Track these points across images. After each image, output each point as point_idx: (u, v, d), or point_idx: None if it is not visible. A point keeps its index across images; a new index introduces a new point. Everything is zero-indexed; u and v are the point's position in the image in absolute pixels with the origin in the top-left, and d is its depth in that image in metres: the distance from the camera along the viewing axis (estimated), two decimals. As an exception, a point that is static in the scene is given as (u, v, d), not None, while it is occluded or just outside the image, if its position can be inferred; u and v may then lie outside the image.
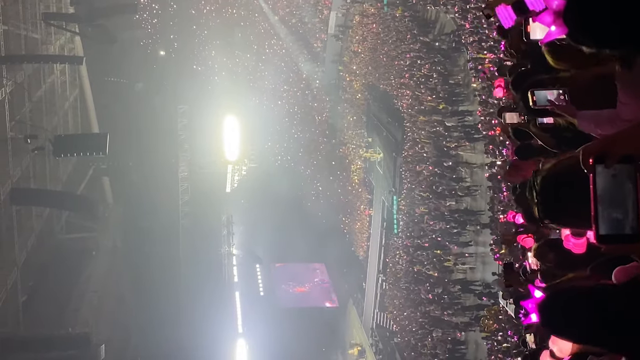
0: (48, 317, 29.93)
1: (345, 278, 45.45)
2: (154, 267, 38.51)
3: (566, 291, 2.51)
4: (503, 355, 22.02)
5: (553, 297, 2.55)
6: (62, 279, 31.61)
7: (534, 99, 3.95)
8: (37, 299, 29.71)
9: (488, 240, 24.63)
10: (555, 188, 2.42)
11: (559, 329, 2.62)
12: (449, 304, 28.88)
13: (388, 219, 37.48)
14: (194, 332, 39.17)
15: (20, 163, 28.43)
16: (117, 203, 38.38)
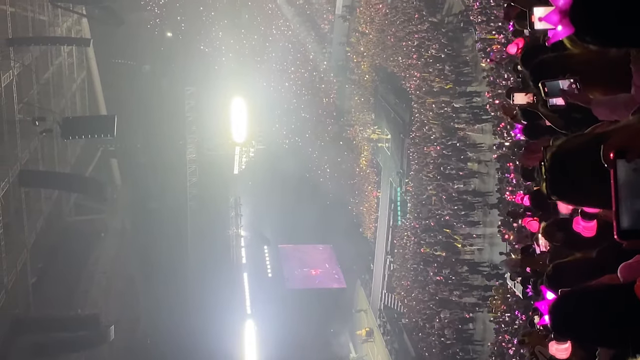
0: (58, 299, 30.14)
1: (353, 259, 45.53)
2: (162, 248, 38.68)
3: (575, 294, 2.51)
4: (511, 336, 22.07)
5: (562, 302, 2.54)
6: (71, 260, 31.80)
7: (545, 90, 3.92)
8: (46, 281, 29.90)
9: (496, 221, 24.59)
10: (565, 164, 2.40)
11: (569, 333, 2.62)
12: (457, 285, 28.91)
13: (394, 203, 37.47)
14: (203, 313, 39.40)
15: (29, 145, 28.51)
16: (125, 185, 38.49)
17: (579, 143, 2.40)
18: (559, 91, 3.80)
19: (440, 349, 30.01)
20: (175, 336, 37.22)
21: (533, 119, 7.61)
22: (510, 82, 19.65)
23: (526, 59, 5.56)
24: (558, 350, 5.51)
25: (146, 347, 37.56)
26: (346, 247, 45.97)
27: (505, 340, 22.67)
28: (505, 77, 21.33)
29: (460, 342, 28.89)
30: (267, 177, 46.60)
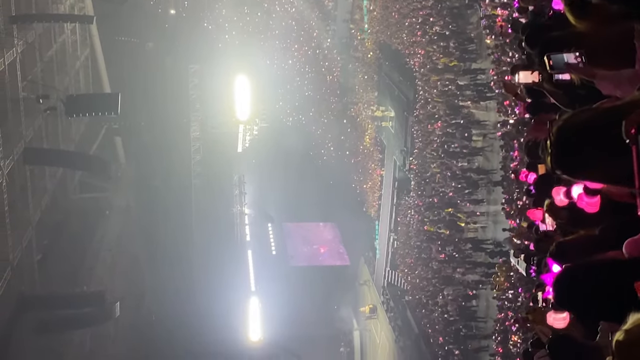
0: (63, 276, 30.31)
1: (357, 237, 45.66)
2: (166, 226, 38.81)
3: (580, 269, 2.52)
4: (514, 313, 22.19)
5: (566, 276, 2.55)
6: (76, 238, 31.94)
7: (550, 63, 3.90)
8: (52, 258, 30.04)
9: (500, 198, 24.61)
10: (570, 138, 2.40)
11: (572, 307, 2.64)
12: (460, 263, 29.01)
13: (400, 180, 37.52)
14: (207, 290, 39.62)
15: (33, 123, 28.53)
16: (129, 163, 38.53)
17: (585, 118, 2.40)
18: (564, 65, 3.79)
19: (444, 325, 30.19)
20: (179, 313, 37.48)
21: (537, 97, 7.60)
22: (515, 60, 19.57)
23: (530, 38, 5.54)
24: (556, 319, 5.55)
25: (151, 323, 37.83)
26: (350, 225, 46.07)
27: (508, 317, 22.79)
28: (510, 54, 21.23)
29: (463, 318, 29.06)
30: (270, 155, 46.59)
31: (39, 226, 28.95)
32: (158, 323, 38.07)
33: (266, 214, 49.42)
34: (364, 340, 45.32)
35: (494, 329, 24.85)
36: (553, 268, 6.31)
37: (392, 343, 38.07)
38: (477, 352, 28.44)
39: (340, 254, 48.75)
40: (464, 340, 29.12)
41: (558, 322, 5.66)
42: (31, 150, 27.40)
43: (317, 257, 49.00)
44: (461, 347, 29.17)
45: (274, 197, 47.34)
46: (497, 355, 23.81)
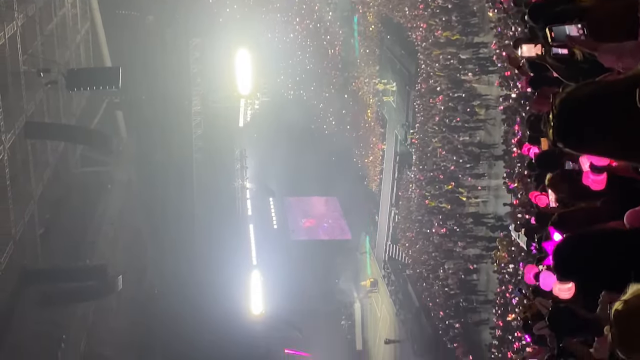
0: (65, 249, 30.44)
1: (358, 211, 45.76)
2: (168, 200, 38.89)
3: (580, 238, 2.53)
4: (514, 286, 22.30)
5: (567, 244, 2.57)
6: (78, 212, 32.02)
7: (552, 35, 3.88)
8: (54, 232, 30.15)
9: (501, 173, 24.63)
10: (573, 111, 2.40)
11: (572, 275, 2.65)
12: (461, 237, 29.12)
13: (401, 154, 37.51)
14: (209, 263, 39.82)
15: (34, 97, 28.47)
16: (130, 137, 38.50)
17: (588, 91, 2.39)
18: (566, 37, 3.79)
19: (444, 299, 30.38)
20: (182, 286, 37.71)
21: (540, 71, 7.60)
22: (517, 33, 19.45)
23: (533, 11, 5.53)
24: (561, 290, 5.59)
25: (153, 297, 38.08)
26: (351, 199, 46.16)
27: (509, 290, 22.92)
28: (513, 28, 21.11)
29: (463, 292, 29.23)
30: (272, 129, 46.52)
31: (41, 200, 29.00)
32: (160, 296, 38.33)
33: (267, 188, 49.50)
34: (364, 313, 45.63)
35: (494, 302, 25.01)
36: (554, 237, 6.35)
37: (392, 316, 38.35)
38: (477, 326, 28.64)
39: (341, 228, 48.90)
40: (464, 313, 29.32)
41: (563, 293, 5.71)
42: (32, 125, 27.36)
43: (318, 231, 49.17)
44: (461, 320, 29.38)
45: (275, 171, 47.38)
46: (497, 328, 23.97)
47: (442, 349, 30.59)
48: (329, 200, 50.25)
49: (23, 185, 27.46)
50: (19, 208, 26.61)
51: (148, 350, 35.60)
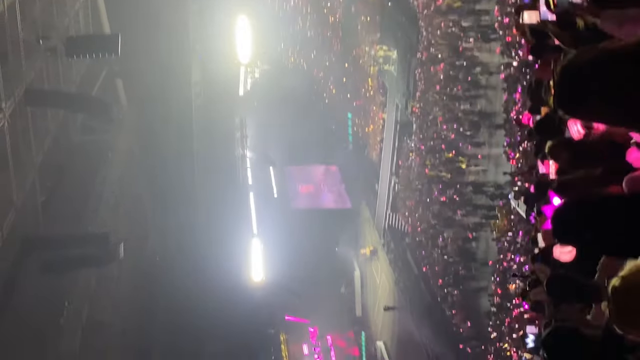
0: (67, 217, 30.48)
1: (358, 180, 45.83)
2: (169, 168, 38.90)
3: (579, 202, 2.55)
4: (513, 255, 22.45)
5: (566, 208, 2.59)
6: (79, 180, 32.02)
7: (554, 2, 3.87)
8: (55, 200, 30.18)
9: (501, 141, 24.65)
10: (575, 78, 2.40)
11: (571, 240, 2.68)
12: (461, 205, 29.23)
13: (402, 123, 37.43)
14: (210, 231, 39.97)
15: (34, 65, 28.32)
16: (131, 105, 38.34)
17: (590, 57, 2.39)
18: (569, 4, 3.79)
19: (443, 267, 30.60)
20: (183, 253, 37.91)
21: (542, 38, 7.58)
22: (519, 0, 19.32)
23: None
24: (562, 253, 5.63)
25: (155, 264, 38.29)
26: (351, 168, 46.20)
27: (507, 258, 23.08)
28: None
29: (462, 260, 29.44)
30: (272, 98, 46.39)
31: (41, 168, 28.99)
32: (162, 264, 38.53)
33: (268, 157, 49.50)
34: (364, 281, 45.95)
35: (493, 270, 25.19)
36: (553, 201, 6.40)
37: (392, 284, 38.61)
38: (475, 293, 28.88)
39: (341, 196, 49.00)
40: (463, 281, 29.56)
41: (564, 255, 5.75)
42: (32, 92, 27.24)
43: (318, 200, 49.29)
44: (460, 287, 29.62)
45: (275, 140, 47.36)
46: (495, 295, 24.18)
47: (441, 316, 30.89)
48: (329, 169, 50.29)
49: (24, 153, 27.43)
50: (20, 176, 26.62)
51: (150, 317, 35.91)
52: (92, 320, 30.31)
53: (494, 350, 24.33)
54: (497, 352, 23.99)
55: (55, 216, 29.66)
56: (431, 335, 31.66)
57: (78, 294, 29.82)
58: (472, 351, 27.84)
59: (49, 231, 29.22)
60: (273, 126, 46.83)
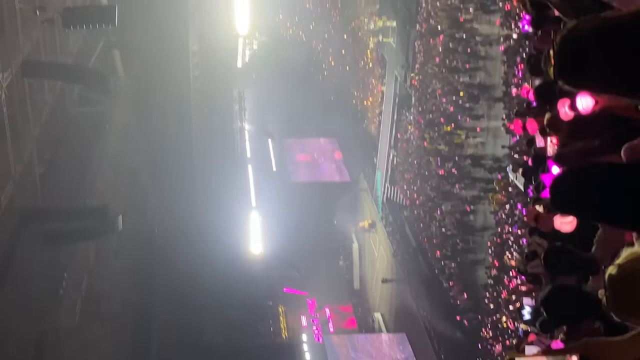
0: (65, 190, 30.46)
1: (357, 153, 45.81)
2: (167, 141, 38.81)
3: (577, 171, 2.54)
4: (510, 227, 22.51)
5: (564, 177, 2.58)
6: (77, 152, 31.94)
7: None
8: (53, 172, 30.15)
9: (500, 114, 24.60)
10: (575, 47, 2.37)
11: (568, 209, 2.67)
12: (459, 178, 29.24)
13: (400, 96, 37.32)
14: (209, 204, 40.00)
15: (30, 36, 28.11)
16: (128, 77, 38.13)
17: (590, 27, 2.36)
18: None
19: (441, 239, 30.70)
20: (182, 226, 37.96)
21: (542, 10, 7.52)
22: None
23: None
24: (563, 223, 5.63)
25: (154, 237, 38.38)
26: (350, 141, 46.15)
27: (505, 231, 23.14)
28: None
29: (460, 233, 29.53)
30: (270, 70, 46.21)
31: (39, 140, 28.91)
32: (161, 237, 38.62)
33: (266, 130, 49.41)
34: (362, 254, 46.14)
35: (490, 242, 25.27)
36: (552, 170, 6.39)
37: (390, 257, 38.78)
38: (473, 266, 29.02)
39: (340, 170, 49.03)
40: (460, 254, 29.68)
41: (565, 226, 5.75)
42: (30, 63, 27.07)
43: (317, 173, 49.30)
44: (458, 260, 29.75)
45: (274, 113, 47.24)
46: (492, 268, 24.28)
47: (438, 288, 31.07)
48: (328, 142, 50.25)
49: (21, 125, 27.33)
50: (18, 148, 26.55)
51: (149, 288, 36.08)
52: (91, 291, 30.46)
53: (491, 322, 24.51)
54: (494, 324, 24.16)
55: (54, 188, 29.63)
56: (428, 307, 31.88)
57: (77, 265, 29.91)
58: (469, 323, 28.04)
59: (48, 203, 29.22)
60: (271, 98, 46.69)
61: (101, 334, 31.00)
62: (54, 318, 26.79)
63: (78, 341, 27.62)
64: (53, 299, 27.35)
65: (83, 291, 29.37)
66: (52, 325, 26.65)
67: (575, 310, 4.45)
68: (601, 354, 1.94)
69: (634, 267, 1.86)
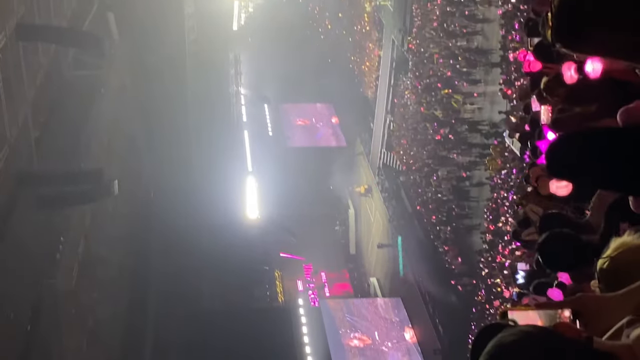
0: (60, 154, 30.39)
1: (353, 118, 45.68)
2: (162, 104, 38.62)
3: (573, 136, 2.51)
4: (506, 193, 22.55)
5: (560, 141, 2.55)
6: (72, 116, 31.77)
7: None
8: (48, 136, 30.04)
9: (497, 79, 24.47)
10: (574, 8, 2.32)
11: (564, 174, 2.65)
12: (456, 144, 29.21)
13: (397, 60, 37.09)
14: (204, 168, 39.97)
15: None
16: (123, 40, 37.77)
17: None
18: None
19: (437, 205, 30.78)
20: (177, 190, 37.97)
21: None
22: None
23: None
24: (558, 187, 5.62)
25: (150, 201, 38.40)
26: (347, 106, 45.97)
27: (501, 197, 23.18)
28: None
29: (456, 198, 29.59)
30: (266, 33, 45.83)
31: (34, 104, 28.76)
32: (157, 202, 38.64)
33: (262, 94, 49.17)
34: (358, 219, 46.28)
35: (486, 208, 25.33)
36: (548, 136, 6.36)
37: (385, 222, 38.91)
38: (468, 231, 29.13)
39: (336, 135, 48.93)
40: (456, 219, 29.77)
41: (561, 190, 5.74)
42: (24, 27, 26.82)
43: (313, 138, 49.21)
44: (453, 225, 29.86)
45: (270, 77, 46.96)
46: (488, 233, 24.38)
47: (433, 253, 31.24)
48: (325, 107, 50.07)
49: (16, 89, 27.16)
50: (13, 111, 26.42)
51: (146, 253, 36.21)
52: (88, 254, 30.57)
53: (485, 287, 24.68)
54: (489, 288, 24.33)
55: (49, 152, 29.55)
56: (423, 272, 32.08)
57: (73, 229, 29.98)
58: (464, 288, 28.24)
59: (43, 167, 29.17)
60: (267, 62, 46.39)
61: (98, 298, 31.20)
62: (51, 282, 26.91)
63: (75, 305, 27.79)
64: (50, 263, 27.46)
65: (80, 255, 29.45)
66: (49, 289, 26.78)
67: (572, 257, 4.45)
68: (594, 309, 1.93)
69: (625, 259, 1.85)
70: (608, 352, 1.54)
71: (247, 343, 32.04)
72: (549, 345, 1.51)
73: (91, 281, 30.63)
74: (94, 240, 31.77)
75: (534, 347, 1.51)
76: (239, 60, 47.15)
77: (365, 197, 43.39)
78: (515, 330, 1.57)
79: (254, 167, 46.43)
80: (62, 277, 27.30)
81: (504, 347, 1.53)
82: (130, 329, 32.91)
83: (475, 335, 1.99)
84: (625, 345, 1.59)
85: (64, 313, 27.47)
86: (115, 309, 32.90)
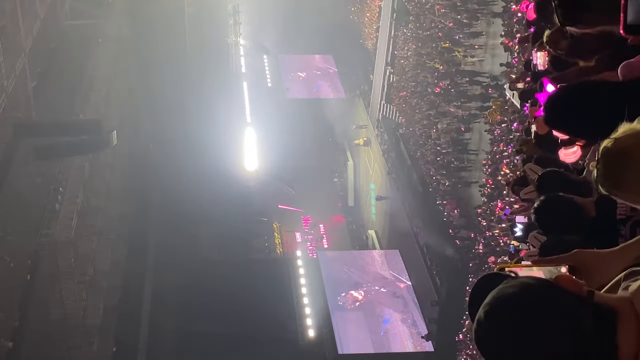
0: (58, 104, 30.27)
1: (353, 70, 45.35)
2: (161, 55, 38.27)
3: (573, 88, 2.49)
4: (505, 145, 22.54)
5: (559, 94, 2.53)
6: (70, 66, 31.55)
7: None
8: (46, 85, 29.87)
9: (499, 31, 24.25)
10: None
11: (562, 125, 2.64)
12: (456, 96, 29.08)
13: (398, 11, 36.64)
14: (203, 119, 39.81)
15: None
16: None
17: None
18: None
19: (436, 157, 30.79)
20: (176, 141, 37.89)
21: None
22: None
23: None
24: (567, 155, 5.61)
25: (149, 152, 38.34)
26: (346, 57, 45.60)
27: (500, 149, 23.18)
28: None
29: (455, 151, 29.59)
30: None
31: (31, 53, 28.50)
32: (156, 152, 38.57)
33: (261, 45, 48.70)
34: (357, 171, 46.31)
35: (485, 160, 25.36)
36: (547, 88, 6.31)
37: (384, 174, 38.94)
38: (467, 184, 29.20)
39: (335, 87, 48.61)
40: (454, 172, 29.81)
41: (569, 157, 5.73)
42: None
43: (312, 89, 48.90)
44: (452, 178, 29.92)
45: (269, 28, 46.43)
46: (486, 186, 24.45)
47: (431, 205, 31.34)
48: (324, 59, 49.65)
49: (12, 38, 26.89)
50: (10, 61, 26.21)
51: (145, 203, 36.32)
52: (87, 204, 30.67)
53: (483, 239, 24.86)
54: (486, 242, 24.51)
55: (47, 102, 29.43)
56: (421, 224, 32.23)
57: (72, 179, 30.02)
58: (461, 242, 28.41)
59: (41, 117, 29.09)
60: (267, 12, 45.85)
61: (97, 248, 31.40)
62: (50, 232, 27.06)
63: (74, 255, 27.98)
64: (49, 213, 27.56)
65: (79, 205, 29.54)
66: (48, 239, 26.94)
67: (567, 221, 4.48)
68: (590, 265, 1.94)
69: (630, 142, 1.84)
70: (610, 306, 1.55)
71: (245, 293, 32.35)
72: (550, 298, 1.51)
73: (90, 230, 30.81)
74: (93, 191, 31.87)
75: (535, 300, 1.51)
76: (238, 10, 46.52)
77: (364, 149, 43.34)
78: (516, 281, 1.57)
79: (253, 119, 46.25)
80: (61, 228, 27.43)
81: (504, 299, 1.52)
82: (129, 278, 33.18)
83: (474, 285, 2.00)
84: (624, 298, 1.59)
85: (63, 263, 27.68)
86: (115, 259, 33.17)
